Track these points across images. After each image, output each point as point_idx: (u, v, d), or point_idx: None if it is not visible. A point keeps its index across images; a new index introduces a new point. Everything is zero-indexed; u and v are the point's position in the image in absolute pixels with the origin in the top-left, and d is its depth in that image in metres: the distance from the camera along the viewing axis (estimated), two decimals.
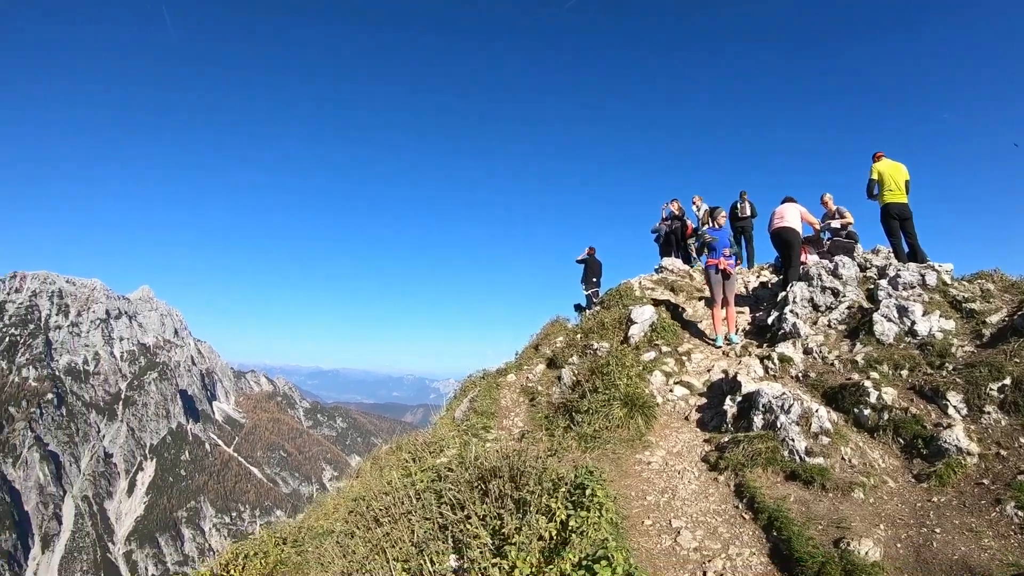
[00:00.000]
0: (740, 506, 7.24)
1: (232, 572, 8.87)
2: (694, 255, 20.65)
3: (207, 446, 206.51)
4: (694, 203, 21.60)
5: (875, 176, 14.15)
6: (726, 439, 8.78)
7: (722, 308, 13.55)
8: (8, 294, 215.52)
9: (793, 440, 7.98)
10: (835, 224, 16.03)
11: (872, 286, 12.39)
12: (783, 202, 14.89)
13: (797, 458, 7.79)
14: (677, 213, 21.56)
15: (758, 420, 8.73)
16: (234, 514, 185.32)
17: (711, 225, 14.39)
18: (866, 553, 5.75)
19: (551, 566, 4.79)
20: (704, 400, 10.93)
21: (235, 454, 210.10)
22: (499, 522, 5.55)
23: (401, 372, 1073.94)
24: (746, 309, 15.53)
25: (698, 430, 9.92)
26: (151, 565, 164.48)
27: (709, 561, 6.18)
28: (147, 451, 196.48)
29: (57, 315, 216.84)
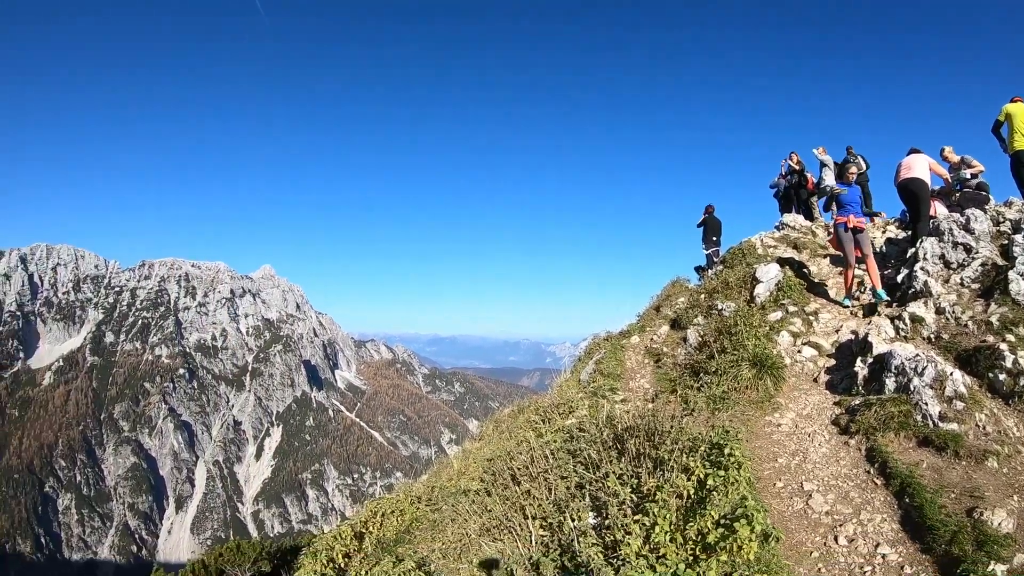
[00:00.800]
0: (871, 471, 7.02)
1: (371, 529, 9.54)
2: (819, 210, 20.03)
3: (330, 412, 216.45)
4: (816, 155, 20.16)
5: (1002, 117, 13.33)
6: (856, 402, 8.55)
7: (856, 266, 12.75)
8: (139, 281, 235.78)
9: (927, 404, 7.62)
10: (966, 173, 14.79)
11: (1006, 242, 11.35)
12: (909, 153, 13.93)
13: (930, 423, 7.45)
14: (797, 167, 20.68)
15: (890, 383, 8.42)
16: (356, 476, 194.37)
17: (840, 180, 13.75)
18: (999, 524, 5.45)
19: (691, 523, 4.68)
20: (833, 361, 10.59)
21: (357, 419, 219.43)
22: (636, 481, 5.56)
23: (517, 337, 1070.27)
24: None
25: (827, 392, 9.71)
26: (277, 523, 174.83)
27: (840, 526, 6.06)
28: (274, 418, 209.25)
29: (185, 297, 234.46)
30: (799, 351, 10.91)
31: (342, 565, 8.81)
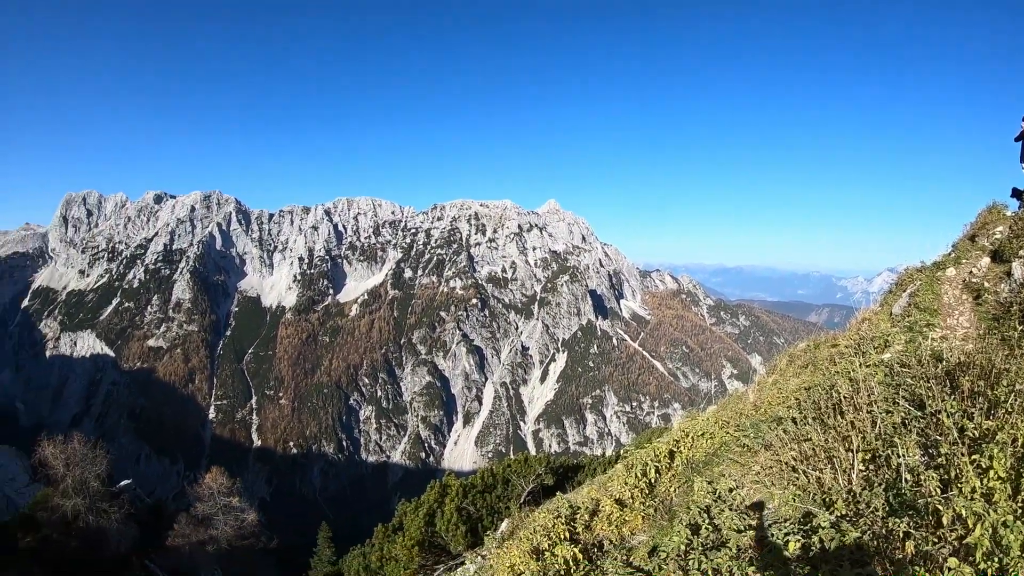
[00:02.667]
0: None
1: (682, 448, 10.02)
2: None
3: (614, 340, 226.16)
4: None
5: None
6: None
7: None
8: (432, 223, 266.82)
9: None
10: None
11: None
12: None
13: None
14: None
15: None
16: (634, 403, 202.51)
17: None
18: None
19: None
20: None
21: (640, 348, 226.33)
22: (968, 421, 5.31)
23: (806, 269, 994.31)
24: None
25: None
26: (555, 443, 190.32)
27: None
28: (559, 345, 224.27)
29: (476, 234, 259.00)
30: None
31: (652, 480, 9.14)
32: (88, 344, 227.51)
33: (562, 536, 7.63)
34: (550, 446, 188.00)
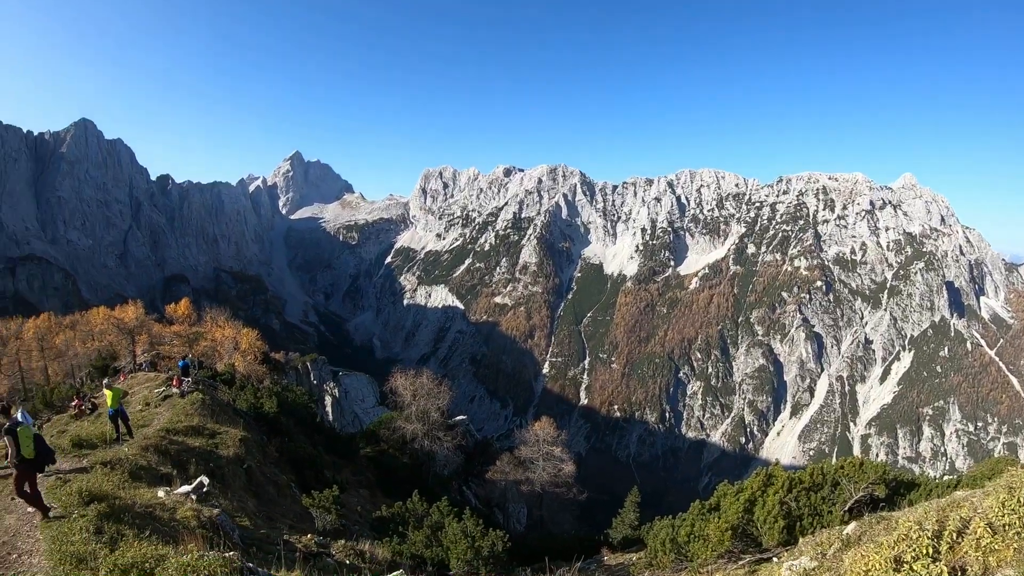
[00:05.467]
0: None
1: None
2: None
3: (968, 345, 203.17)
4: None
5: None
6: None
7: None
8: (777, 196, 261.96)
9: None
10: None
11: None
12: None
13: None
14: None
15: None
16: (979, 424, 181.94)
17: None
18: None
19: None
20: None
21: (996, 358, 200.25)
22: None
23: None
24: None
25: None
26: (883, 452, 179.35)
27: None
28: (906, 342, 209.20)
29: (823, 210, 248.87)
30: None
31: None
32: (441, 296, 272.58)
33: (926, 551, 7.24)
34: (877, 455, 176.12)
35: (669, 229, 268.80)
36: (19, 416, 14.71)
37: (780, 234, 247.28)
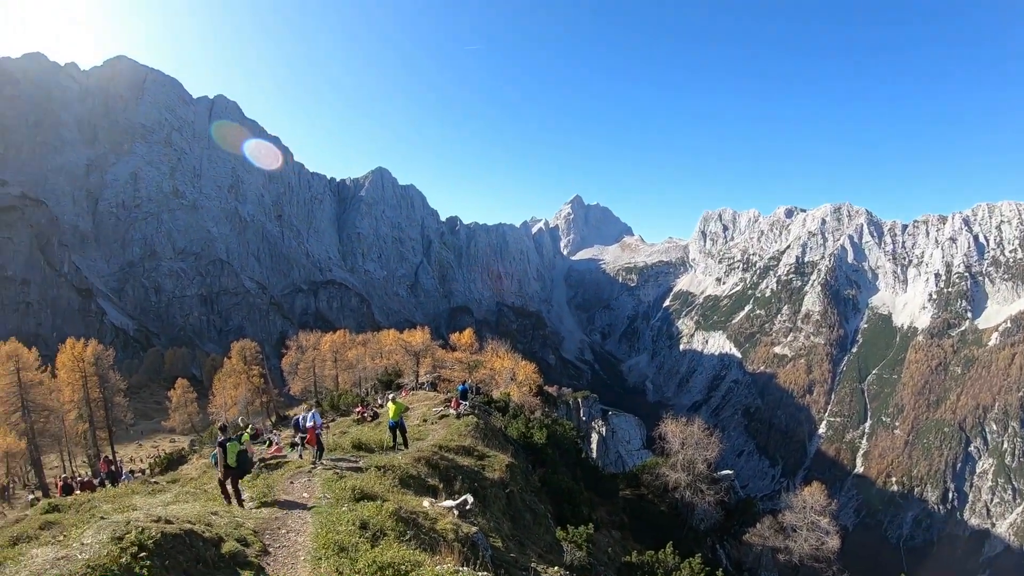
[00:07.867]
0: None
1: None
2: None
3: None
4: None
5: None
6: None
7: None
8: None
9: None
10: None
11: None
12: None
13: None
14: None
15: None
16: None
17: None
18: None
19: None
20: None
21: None
22: None
23: None
24: None
25: None
26: None
27: None
28: None
29: None
30: None
31: None
32: (718, 343, 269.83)
33: None
34: None
35: (966, 274, 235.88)
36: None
37: None
